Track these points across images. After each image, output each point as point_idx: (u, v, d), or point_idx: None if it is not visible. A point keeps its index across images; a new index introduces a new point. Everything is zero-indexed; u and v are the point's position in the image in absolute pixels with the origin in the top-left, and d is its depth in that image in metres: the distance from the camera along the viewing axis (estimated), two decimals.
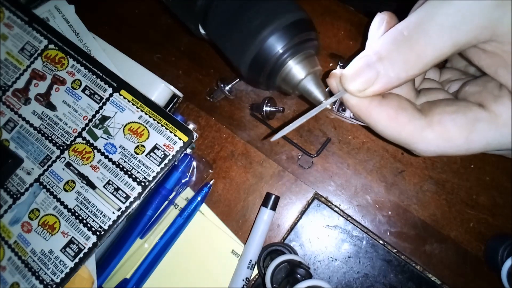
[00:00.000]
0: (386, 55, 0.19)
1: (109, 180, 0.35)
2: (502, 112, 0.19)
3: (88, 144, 0.36)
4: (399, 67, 0.19)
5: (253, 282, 0.35)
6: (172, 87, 0.39)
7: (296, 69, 0.26)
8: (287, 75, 0.26)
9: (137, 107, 0.36)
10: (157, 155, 0.34)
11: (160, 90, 0.38)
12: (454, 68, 0.28)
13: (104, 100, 0.37)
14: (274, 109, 0.37)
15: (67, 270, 0.33)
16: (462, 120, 0.19)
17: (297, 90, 0.26)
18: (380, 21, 0.21)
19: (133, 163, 0.35)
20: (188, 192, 0.38)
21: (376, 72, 0.19)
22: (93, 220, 0.34)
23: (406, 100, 0.21)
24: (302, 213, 0.36)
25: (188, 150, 0.36)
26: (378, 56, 0.19)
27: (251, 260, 0.34)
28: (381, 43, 0.19)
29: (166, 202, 0.37)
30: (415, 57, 0.18)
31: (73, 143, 0.36)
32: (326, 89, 0.25)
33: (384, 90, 0.20)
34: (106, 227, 0.34)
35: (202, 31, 0.30)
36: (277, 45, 0.25)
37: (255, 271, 0.35)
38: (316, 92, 0.25)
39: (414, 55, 0.18)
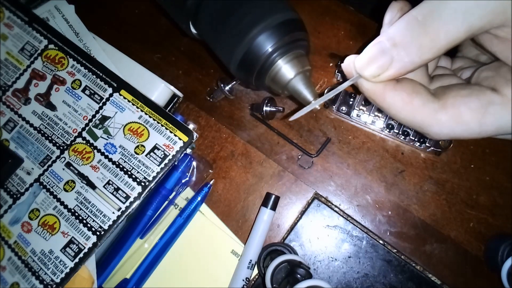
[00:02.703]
0: (400, 40, 0.19)
1: (109, 180, 0.35)
2: None
3: (88, 144, 0.36)
4: (413, 52, 0.19)
5: (253, 282, 0.35)
6: (172, 87, 0.39)
7: (286, 69, 0.25)
8: (276, 75, 0.26)
9: (137, 107, 0.36)
10: (157, 155, 0.34)
11: (160, 90, 0.38)
12: (465, 57, 0.29)
13: (104, 100, 0.37)
14: (274, 109, 0.37)
15: (67, 270, 0.33)
16: (475, 103, 0.20)
17: (286, 90, 0.26)
18: (394, 8, 0.22)
19: (133, 163, 0.35)
20: (188, 192, 0.38)
21: (391, 57, 0.19)
22: (93, 220, 0.34)
23: (420, 84, 0.22)
24: (302, 213, 0.36)
25: (188, 150, 0.36)
26: (392, 42, 0.19)
27: (251, 260, 0.34)
28: (395, 28, 0.20)
29: (166, 202, 0.37)
30: (429, 42, 0.19)
31: (73, 143, 0.36)
32: (331, 87, 0.25)
33: (399, 75, 0.20)
34: (106, 227, 0.34)
35: (193, 30, 0.30)
36: (266, 44, 0.25)
37: (255, 271, 0.35)
38: (305, 92, 0.25)
39: (428, 39, 0.19)
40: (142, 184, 0.34)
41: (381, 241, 0.35)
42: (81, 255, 0.34)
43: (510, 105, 0.19)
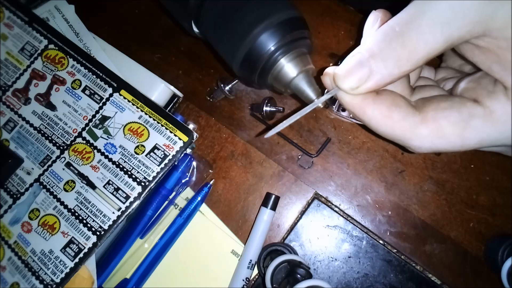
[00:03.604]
0: (378, 52, 0.19)
1: (109, 180, 0.35)
2: (497, 108, 0.18)
3: (88, 144, 0.36)
4: (392, 63, 0.19)
5: (253, 282, 0.35)
6: (172, 87, 0.39)
7: (288, 67, 0.25)
8: (279, 73, 0.26)
9: (137, 107, 0.36)
10: (157, 155, 0.34)
11: (160, 90, 0.38)
12: (449, 67, 0.28)
13: (104, 100, 0.37)
14: (274, 109, 0.37)
15: (67, 270, 0.33)
16: (456, 117, 0.19)
17: (289, 89, 0.26)
18: (374, 18, 0.21)
19: (133, 163, 0.35)
20: (188, 192, 0.38)
21: (369, 69, 0.19)
22: (93, 220, 0.34)
23: (400, 96, 0.21)
24: (302, 213, 0.36)
25: (188, 150, 0.36)
26: (370, 53, 0.19)
27: (251, 260, 0.34)
28: (373, 39, 0.19)
29: (166, 202, 0.37)
30: (407, 53, 0.18)
31: (73, 143, 0.36)
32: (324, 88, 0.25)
33: (377, 87, 0.20)
34: (106, 227, 0.34)
35: (195, 29, 0.30)
36: (269, 42, 0.25)
37: (255, 271, 0.35)
38: (308, 91, 0.25)
39: (406, 51, 0.18)
40: (142, 184, 0.34)
41: (381, 241, 0.35)
42: (81, 255, 0.34)
43: (492, 117, 0.18)
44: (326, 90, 0.24)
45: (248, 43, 0.25)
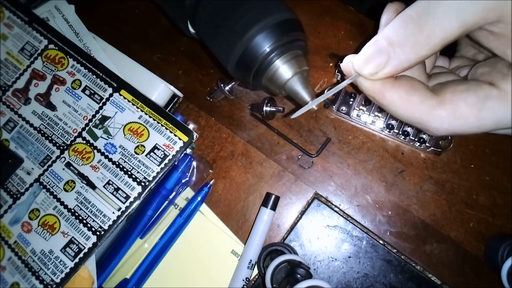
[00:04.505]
0: (396, 38, 0.20)
1: (109, 180, 0.35)
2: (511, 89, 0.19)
3: (88, 144, 0.36)
4: (409, 48, 0.19)
5: (253, 282, 0.35)
6: (172, 87, 0.39)
7: (283, 69, 0.26)
8: (274, 75, 0.26)
9: (137, 107, 0.36)
10: (157, 155, 0.34)
11: (160, 90, 0.38)
12: (463, 56, 0.29)
13: (104, 100, 0.37)
14: (274, 109, 0.37)
15: (67, 270, 0.33)
16: (472, 98, 0.20)
17: (284, 90, 0.26)
18: (390, 10, 0.22)
19: (133, 163, 0.35)
20: (188, 192, 0.38)
21: (387, 55, 0.20)
22: (93, 220, 0.34)
23: (418, 81, 0.22)
24: (302, 213, 0.36)
25: (188, 150, 0.36)
26: (388, 40, 0.20)
27: (251, 260, 0.34)
28: (391, 27, 0.20)
29: (166, 202, 0.37)
30: (424, 38, 0.19)
31: (73, 143, 0.36)
32: (327, 86, 0.25)
33: (396, 72, 0.20)
34: (106, 227, 0.34)
35: (191, 29, 0.30)
36: (264, 43, 0.25)
37: (255, 271, 0.35)
38: (303, 93, 0.25)
39: (423, 36, 0.19)
40: (142, 184, 0.34)
41: (381, 241, 0.35)
42: (81, 255, 0.34)
43: (507, 99, 0.19)
44: (327, 89, 0.24)
45: (243, 44, 0.25)
